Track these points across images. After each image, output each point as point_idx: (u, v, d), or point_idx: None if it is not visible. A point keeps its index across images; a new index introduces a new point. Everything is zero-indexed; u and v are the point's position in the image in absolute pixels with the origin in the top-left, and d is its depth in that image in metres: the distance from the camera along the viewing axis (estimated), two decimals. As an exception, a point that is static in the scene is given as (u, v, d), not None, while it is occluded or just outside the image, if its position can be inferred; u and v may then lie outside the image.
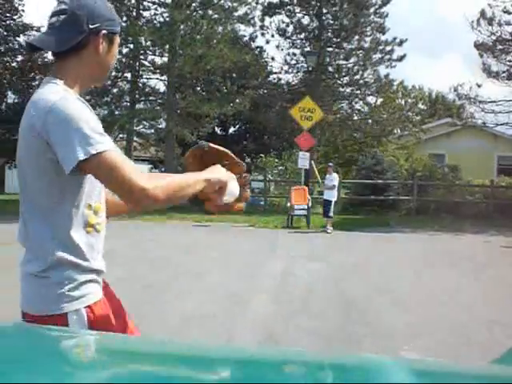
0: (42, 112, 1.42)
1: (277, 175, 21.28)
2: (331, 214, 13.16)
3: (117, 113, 20.27)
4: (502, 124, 18.22)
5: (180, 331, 4.47)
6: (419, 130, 23.36)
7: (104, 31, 1.56)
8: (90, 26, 1.53)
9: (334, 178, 13.32)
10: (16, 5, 21.95)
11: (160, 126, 21.81)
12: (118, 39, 1.64)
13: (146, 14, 20.27)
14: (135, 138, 22.33)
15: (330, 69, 22.31)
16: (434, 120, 29.22)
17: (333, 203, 13.15)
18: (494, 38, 17.14)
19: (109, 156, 1.39)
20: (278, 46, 22.46)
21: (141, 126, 22.43)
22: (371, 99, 23.48)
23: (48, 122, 1.40)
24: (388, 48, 21.21)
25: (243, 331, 4.55)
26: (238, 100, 20.95)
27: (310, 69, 19.06)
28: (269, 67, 23.59)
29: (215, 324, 4.74)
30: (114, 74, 19.49)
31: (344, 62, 21.98)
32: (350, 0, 20.77)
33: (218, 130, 30.19)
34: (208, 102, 19.30)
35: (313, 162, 15.50)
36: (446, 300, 5.96)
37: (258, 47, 23.52)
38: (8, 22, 21.81)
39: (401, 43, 21.09)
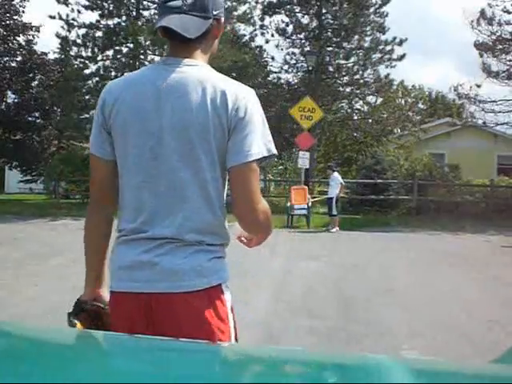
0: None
1: (277, 175, 21.29)
2: (334, 212, 13.16)
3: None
4: (502, 124, 18.21)
5: (180, 331, 4.46)
6: (419, 129, 23.34)
7: (223, 18, 1.66)
8: (214, 13, 1.61)
9: (334, 178, 13.39)
10: (16, 5, 21.92)
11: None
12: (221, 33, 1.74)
13: (145, 13, 20.26)
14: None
15: (330, 68, 22.27)
16: (434, 120, 29.19)
17: (333, 200, 13.13)
18: (493, 37, 17.12)
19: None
20: (277, 46, 22.44)
21: (141, 126, 22.43)
22: (371, 99, 23.48)
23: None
24: (388, 48, 21.20)
25: (243, 331, 4.54)
26: (237, 100, 20.92)
27: (310, 68, 19.03)
28: (268, 67, 23.58)
29: (215, 324, 4.73)
30: (113, 73, 19.51)
31: (344, 62, 21.96)
32: (349, 0, 20.76)
33: (217, 129, 30.15)
34: (208, 102, 19.25)
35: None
36: (446, 299, 5.96)
37: (257, 47, 23.49)
38: (8, 21, 21.77)
39: (401, 43, 21.06)
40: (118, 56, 19.95)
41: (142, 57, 20.11)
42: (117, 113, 1.55)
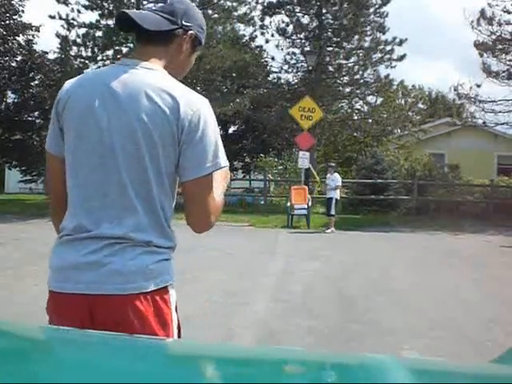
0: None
1: (277, 175, 21.28)
2: (333, 212, 13.16)
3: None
4: (502, 123, 18.21)
5: (180, 331, 4.46)
6: (419, 129, 23.33)
7: (193, 32, 1.61)
8: (183, 22, 1.59)
9: (335, 179, 13.33)
10: (16, 4, 21.90)
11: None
12: (197, 53, 1.68)
13: (145, 13, 20.26)
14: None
15: (330, 68, 22.26)
16: (434, 120, 29.19)
17: (333, 201, 13.13)
18: (493, 37, 17.12)
19: None
20: (277, 46, 22.41)
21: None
22: (371, 99, 23.47)
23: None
24: (388, 48, 21.20)
25: (243, 331, 4.55)
26: (237, 99, 20.92)
27: (310, 68, 19.02)
28: (269, 67, 23.59)
29: (215, 323, 4.74)
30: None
31: (344, 62, 21.94)
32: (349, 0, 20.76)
33: (217, 129, 30.12)
34: (208, 102, 19.28)
35: (310, 166, 15.45)
36: (446, 299, 5.96)
37: (257, 47, 23.51)
38: (8, 21, 21.76)
39: (401, 43, 21.05)
40: (118, 56, 19.94)
41: (141, 57, 20.09)
42: (68, 109, 1.54)
